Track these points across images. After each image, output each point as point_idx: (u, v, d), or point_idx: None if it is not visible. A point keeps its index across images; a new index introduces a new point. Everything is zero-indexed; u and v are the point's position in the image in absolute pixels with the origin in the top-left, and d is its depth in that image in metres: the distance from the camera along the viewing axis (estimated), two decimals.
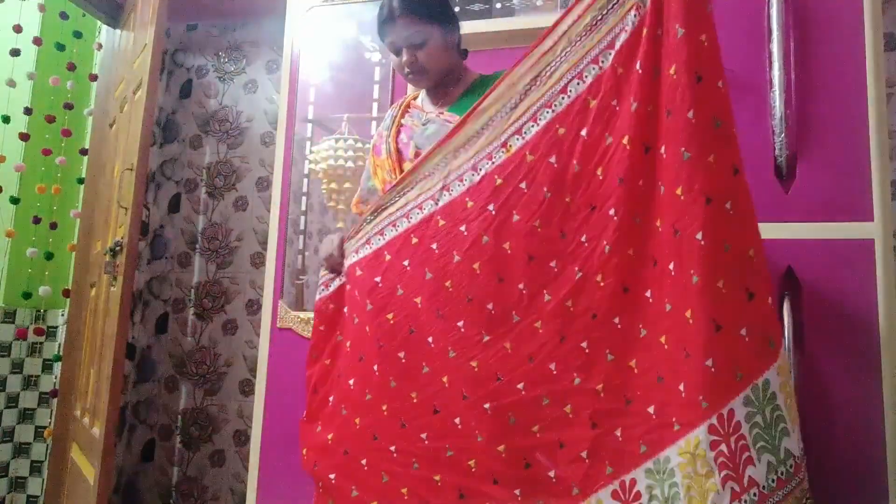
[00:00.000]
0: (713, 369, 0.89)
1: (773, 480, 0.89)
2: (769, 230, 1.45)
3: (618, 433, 0.99)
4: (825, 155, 1.46)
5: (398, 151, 1.36)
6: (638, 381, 0.98)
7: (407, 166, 1.32)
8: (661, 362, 0.96)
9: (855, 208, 1.42)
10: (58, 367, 2.44)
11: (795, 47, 1.49)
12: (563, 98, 1.06)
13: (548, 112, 1.08)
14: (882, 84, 1.45)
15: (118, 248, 2.00)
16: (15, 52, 2.38)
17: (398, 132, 1.38)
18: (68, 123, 2.51)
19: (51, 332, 2.54)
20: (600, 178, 1.03)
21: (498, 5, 1.80)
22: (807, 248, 1.44)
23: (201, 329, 2.64)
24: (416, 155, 1.31)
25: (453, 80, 1.40)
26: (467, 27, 1.74)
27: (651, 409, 0.96)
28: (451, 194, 1.17)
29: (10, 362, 2.45)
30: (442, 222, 1.16)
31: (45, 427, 2.46)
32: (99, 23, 2.63)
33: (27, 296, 2.35)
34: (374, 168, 1.41)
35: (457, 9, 1.82)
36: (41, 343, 2.52)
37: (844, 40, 1.48)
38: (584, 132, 1.04)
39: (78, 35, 2.60)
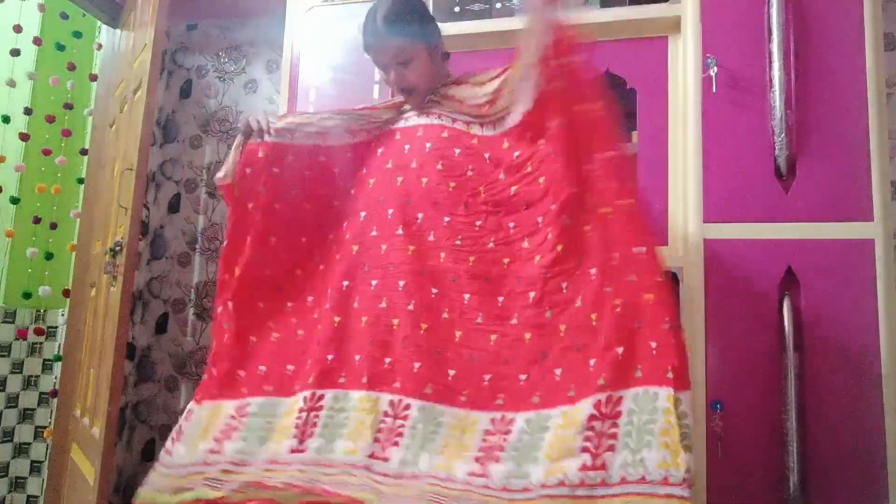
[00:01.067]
0: (620, 357, 1.02)
1: (619, 476, 0.97)
2: (769, 230, 1.46)
3: (522, 378, 1.12)
4: (825, 155, 1.46)
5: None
6: (557, 342, 1.11)
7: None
8: (583, 334, 1.08)
9: (855, 208, 1.42)
10: (58, 367, 2.44)
11: (795, 47, 1.49)
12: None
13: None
14: (882, 84, 1.45)
15: (118, 248, 2.00)
16: (15, 52, 2.38)
17: None
18: (68, 123, 2.51)
19: (51, 332, 2.54)
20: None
21: (498, 5, 1.80)
22: (807, 248, 1.44)
23: (201, 329, 2.64)
24: None
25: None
26: (467, 27, 1.75)
27: (558, 371, 1.09)
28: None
29: (10, 362, 2.45)
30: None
31: (45, 427, 2.46)
32: (99, 23, 2.63)
33: (27, 296, 2.35)
34: None
35: (456, 9, 1.82)
36: (41, 343, 2.52)
37: (844, 40, 1.48)
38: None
39: (78, 35, 2.60)
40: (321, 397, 1.20)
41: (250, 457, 1.18)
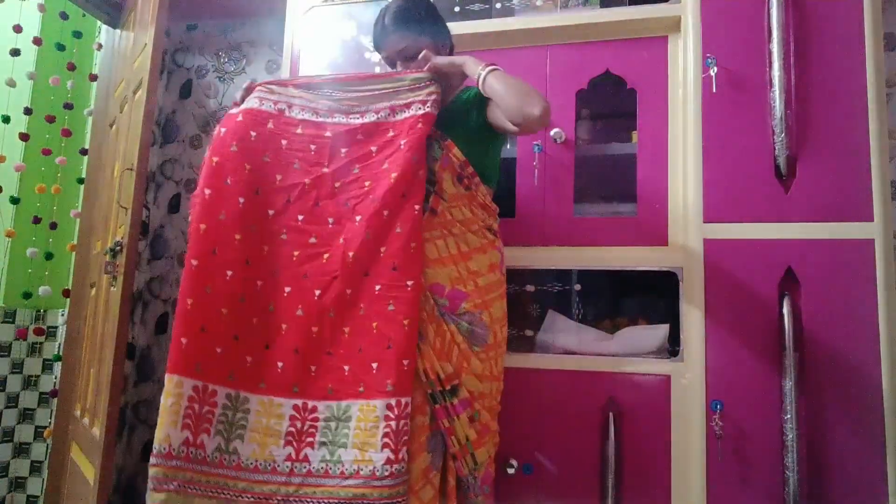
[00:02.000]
0: (405, 368, 1.20)
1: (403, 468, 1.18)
2: (769, 230, 1.46)
3: (312, 369, 1.27)
4: (825, 155, 1.46)
5: None
6: (343, 343, 1.26)
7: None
8: (365, 339, 1.25)
9: (855, 208, 1.42)
10: (58, 367, 2.44)
11: (795, 47, 1.50)
12: (385, 115, 1.36)
13: (374, 116, 1.36)
14: (882, 84, 1.45)
15: (118, 248, 2.00)
16: (15, 52, 2.38)
17: None
18: (68, 123, 2.51)
19: (51, 332, 2.53)
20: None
21: (498, 5, 1.80)
22: (807, 248, 1.44)
23: None
24: None
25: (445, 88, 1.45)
26: (467, 27, 1.75)
27: (346, 368, 1.25)
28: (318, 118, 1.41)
29: (10, 362, 2.45)
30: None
31: (45, 427, 2.46)
32: (99, 23, 2.63)
33: (27, 296, 2.35)
34: None
35: (456, 9, 1.82)
36: (41, 343, 2.52)
37: (844, 40, 1.48)
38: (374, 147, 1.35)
39: (78, 35, 2.60)
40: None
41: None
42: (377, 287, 1.26)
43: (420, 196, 1.28)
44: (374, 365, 1.22)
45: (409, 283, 1.24)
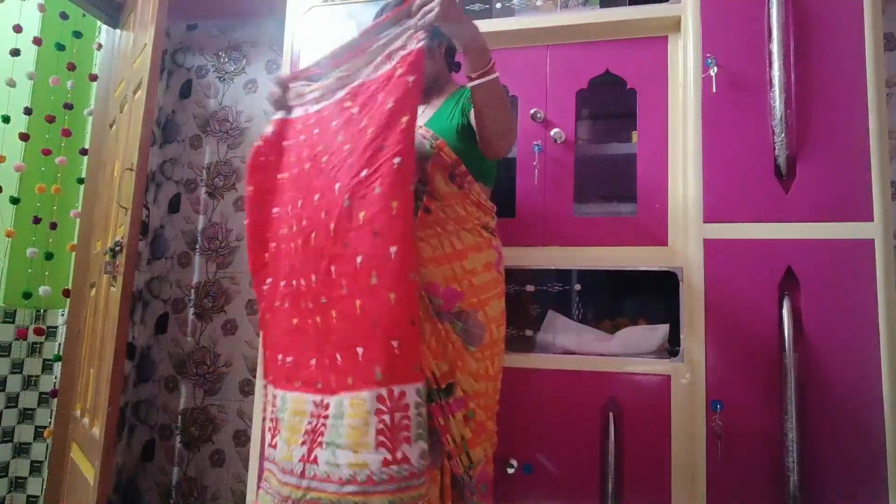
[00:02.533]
0: (397, 350, 1.04)
1: (422, 465, 1.05)
2: (769, 230, 1.46)
3: (312, 362, 1.18)
4: (825, 155, 1.46)
5: None
6: (334, 328, 1.15)
7: None
8: (349, 321, 1.11)
9: (855, 208, 1.42)
10: (58, 367, 2.44)
11: (795, 47, 1.49)
12: (368, 73, 1.27)
13: (358, 78, 1.29)
14: (882, 84, 1.45)
15: (118, 248, 2.00)
16: (15, 52, 2.38)
17: None
18: (68, 123, 2.51)
19: (51, 332, 2.54)
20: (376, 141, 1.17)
21: (498, 5, 1.80)
22: (807, 248, 1.44)
23: (201, 329, 2.64)
24: None
25: (437, 91, 1.47)
26: None
27: (338, 356, 1.12)
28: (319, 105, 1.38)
29: (10, 362, 2.45)
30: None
31: (45, 427, 2.46)
32: (99, 23, 2.63)
33: (27, 296, 2.35)
34: None
35: None
36: (41, 343, 2.52)
37: (844, 40, 1.48)
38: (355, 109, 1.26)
39: (78, 35, 2.60)
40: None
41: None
42: (358, 259, 1.11)
43: (401, 148, 1.10)
44: (360, 350, 1.08)
45: (393, 249, 1.06)
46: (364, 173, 1.12)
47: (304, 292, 1.24)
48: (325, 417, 1.15)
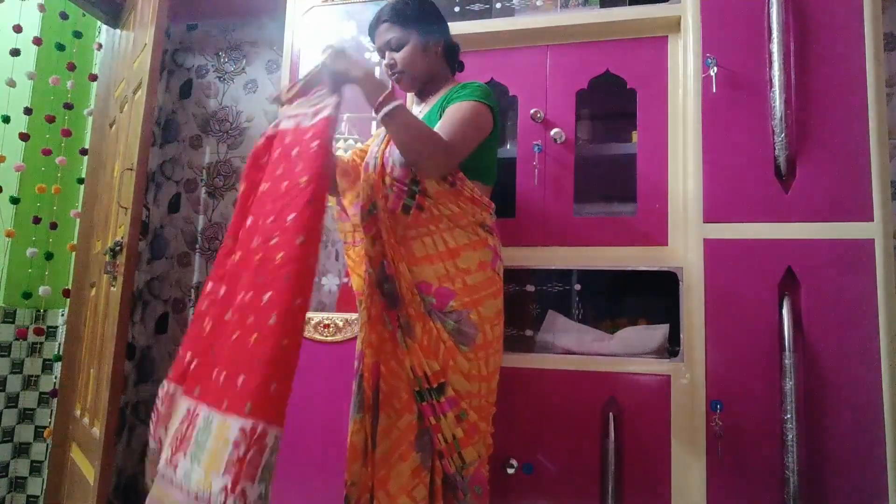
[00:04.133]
0: (273, 389, 1.01)
1: None
2: (769, 230, 1.46)
3: (194, 362, 1.18)
4: (825, 155, 1.46)
5: (383, 166, 1.37)
6: (228, 346, 1.11)
7: (387, 180, 1.35)
8: (229, 348, 1.10)
9: (855, 208, 1.42)
10: (58, 367, 2.44)
11: (795, 47, 1.49)
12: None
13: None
14: (882, 84, 1.45)
15: (118, 248, 2.00)
16: (15, 52, 2.38)
17: (386, 147, 1.40)
18: (68, 123, 2.51)
19: (51, 332, 2.54)
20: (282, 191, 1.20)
21: (498, 5, 1.80)
22: (807, 248, 1.44)
23: None
24: (392, 170, 1.35)
25: (434, 88, 1.47)
26: (467, 27, 1.75)
27: (214, 373, 1.09)
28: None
29: (10, 362, 2.45)
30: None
31: (45, 427, 2.46)
32: (99, 23, 2.63)
33: (27, 296, 2.35)
34: (362, 183, 1.41)
35: (456, 9, 1.82)
36: (41, 343, 2.52)
37: (844, 40, 1.48)
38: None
39: (78, 35, 2.60)
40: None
41: None
42: (265, 296, 1.10)
43: (296, 218, 1.11)
44: (241, 379, 1.05)
45: (298, 301, 1.06)
46: (282, 219, 1.15)
47: (223, 301, 1.20)
48: (193, 428, 1.09)
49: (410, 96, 1.58)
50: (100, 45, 2.63)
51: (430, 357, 1.26)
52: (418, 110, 1.48)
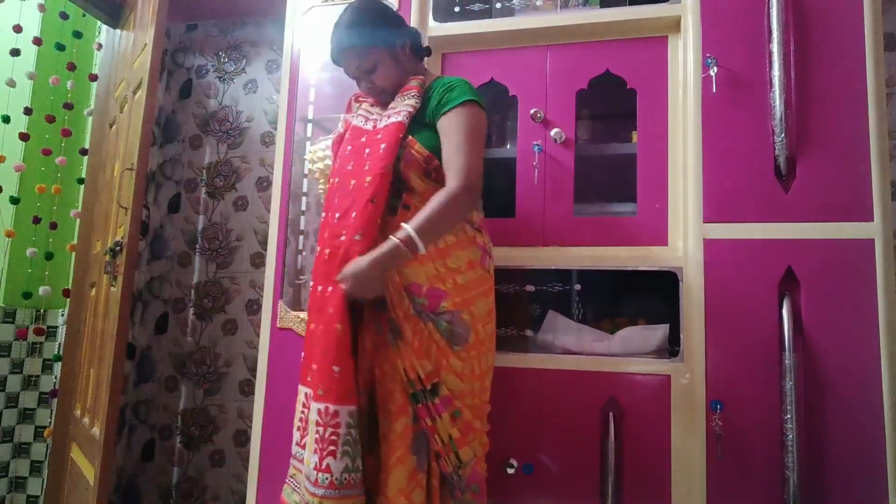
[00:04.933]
0: (336, 372, 1.21)
1: (344, 479, 1.19)
2: (769, 230, 1.46)
3: (314, 367, 1.30)
4: (825, 155, 1.46)
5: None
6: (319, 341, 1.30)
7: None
8: (313, 342, 1.32)
9: (855, 208, 1.42)
10: (58, 367, 2.44)
11: (795, 47, 1.49)
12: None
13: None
14: (882, 84, 1.45)
15: (118, 248, 2.00)
16: (15, 52, 2.38)
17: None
18: (68, 123, 2.51)
19: (51, 332, 2.54)
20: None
21: (498, 5, 1.80)
22: (807, 248, 1.44)
23: (201, 329, 2.64)
24: None
25: (405, 82, 1.44)
26: (467, 27, 1.75)
27: (313, 367, 1.29)
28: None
29: (10, 362, 2.45)
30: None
31: (45, 427, 2.46)
32: (99, 23, 2.63)
33: (27, 296, 2.35)
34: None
35: (456, 9, 1.82)
36: (41, 343, 2.52)
37: (844, 40, 1.48)
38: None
39: (78, 35, 2.60)
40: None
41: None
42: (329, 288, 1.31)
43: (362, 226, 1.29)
44: (336, 369, 1.24)
45: (341, 251, 1.29)
46: (347, 216, 1.32)
47: (320, 299, 1.33)
48: (336, 426, 1.22)
49: None
50: (100, 45, 2.63)
51: (423, 358, 1.26)
52: (388, 112, 1.44)
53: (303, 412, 1.34)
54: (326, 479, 1.18)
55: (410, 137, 1.34)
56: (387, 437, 1.26)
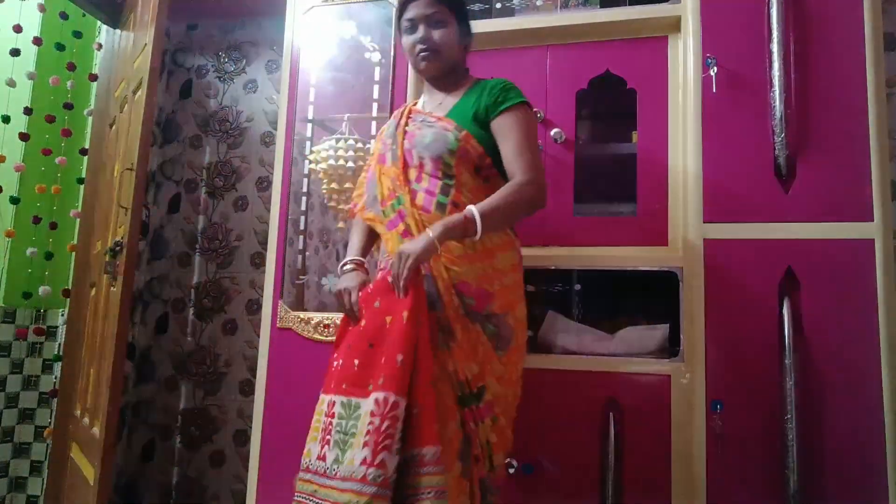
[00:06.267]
0: (400, 365, 1.11)
1: (394, 478, 1.06)
2: (769, 230, 1.46)
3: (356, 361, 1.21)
4: (825, 155, 1.46)
5: (404, 159, 1.33)
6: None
7: (412, 174, 1.32)
8: (377, 332, 1.20)
9: (855, 208, 1.42)
10: (58, 367, 2.44)
11: (795, 47, 1.49)
12: None
13: None
14: (882, 84, 1.45)
15: (118, 248, 2.00)
16: (15, 52, 2.38)
17: (403, 139, 1.36)
18: (68, 123, 2.52)
19: (51, 332, 2.54)
20: None
21: (498, 5, 1.80)
22: (807, 248, 1.44)
23: (201, 329, 2.64)
24: (420, 164, 1.32)
25: (454, 81, 1.41)
26: None
27: (356, 362, 1.20)
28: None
29: (10, 362, 2.45)
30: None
31: (45, 427, 2.46)
32: (99, 23, 2.63)
33: (27, 296, 2.35)
34: (380, 177, 1.36)
35: None
36: (41, 343, 2.52)
37: (844, 40, 1.48)
38: None
39: (78, 35, 2.60)
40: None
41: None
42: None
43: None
44: (382, 360, 1.16)
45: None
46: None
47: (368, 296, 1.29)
48: (395, 420, 1.11)
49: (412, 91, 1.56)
50: (100, 45, 2.64)
51: (470, 360, 1.21)
52: (438, 100, 1.41)
53: (327, 421, 1.19)
54: (380, 476, 1.05)
55: (465, 131, 1.30)
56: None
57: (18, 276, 2.41)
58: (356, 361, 1.19)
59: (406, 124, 1.39)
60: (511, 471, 1.52)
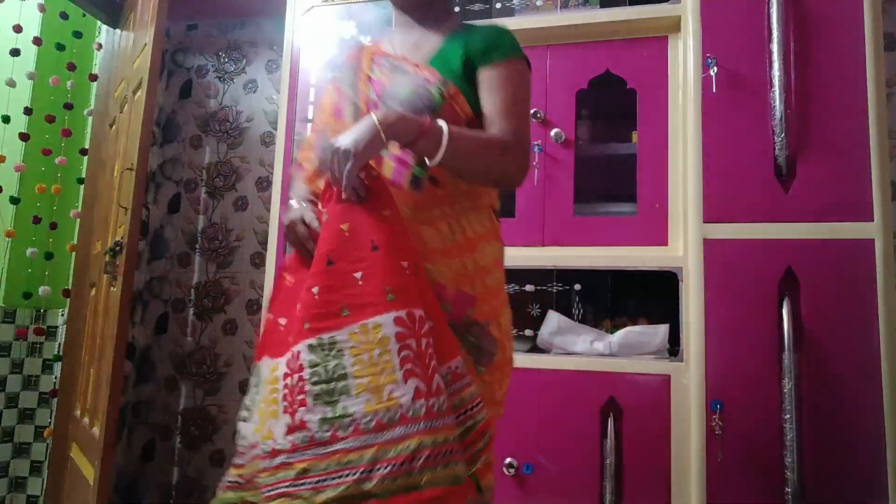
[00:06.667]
0: (408, 271, 0.89)
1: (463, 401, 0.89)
2: (769, 230, 1.46)
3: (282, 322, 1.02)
4: (825, 155, 1.46)
5: (368, 112, 1.00)
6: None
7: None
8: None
9: (855, 208, 1.42)
10: (58, 367, 2.44)
11: (795, 47, 1.49)
12: None
13: None
14: (882, 84, 1.45)
15: (118, 248, 2.00)
16: (15, 52, 2.38)
17: (368, 89, 1.07)
18: (68, 123, 2.51)
19: (51, 332, 2.53)
20: None
21: (498, 5, 1.80)
22: (807, 248, 1.44)
23: (201, 329, 2.64)
24: None
25: (435, 17, 1.14)
26: None
27: (282, 321, 0.99)
28: None
29: (10, 362, 2.45)
30: None
31: (45, 427, 2.46)
32: (99, 23, 2.63)
33: (27, 296, 2.35)
34: (333, 133, 0.98)
35: (456, 9, 1.82)
36: (41, 343, 2.52)
37: (844, 40, 1.48)
38: None
39: (78, 35, 2.60)
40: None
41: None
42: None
43: None
44: (357, 276, 0.88)
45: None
46: None
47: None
48: (428, 335, 0.87)
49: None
50: (100, 45, 2.63)
51: None
52: (412, 39, 1.13)
53: (288, 383, 0.92)
54: (444, 403, 0.83)
55: (451, 85, 1.03)
56: None
57: (18, 276, 2.41)
58: (315, 290, 0.89)
59: (369, 69, 1.10)
60: (511, 471, 1.53)
